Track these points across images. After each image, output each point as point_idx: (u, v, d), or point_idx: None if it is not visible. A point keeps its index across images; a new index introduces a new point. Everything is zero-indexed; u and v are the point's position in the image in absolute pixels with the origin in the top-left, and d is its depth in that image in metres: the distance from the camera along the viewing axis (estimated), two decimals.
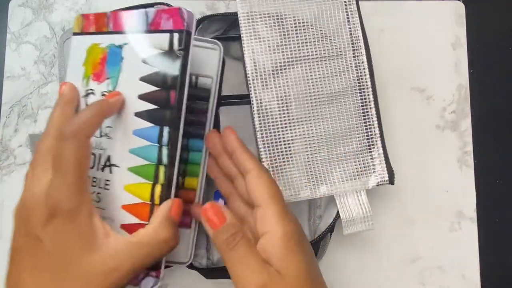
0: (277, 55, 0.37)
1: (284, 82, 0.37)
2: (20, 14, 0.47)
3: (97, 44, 0.33)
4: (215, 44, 0.38)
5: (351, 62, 0.38)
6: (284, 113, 0.37)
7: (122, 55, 0.32)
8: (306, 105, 0.38)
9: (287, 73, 0.38)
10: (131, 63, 0.31)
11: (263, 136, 0.37)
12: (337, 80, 0.38)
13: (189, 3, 0.46)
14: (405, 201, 0.44)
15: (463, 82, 0.46)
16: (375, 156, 0.38)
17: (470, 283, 0.43)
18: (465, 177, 0.45)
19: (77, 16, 0.35)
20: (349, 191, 0.37)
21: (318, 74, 0.38)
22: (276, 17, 0.38)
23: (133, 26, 0.32)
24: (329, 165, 0.38)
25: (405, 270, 0.44)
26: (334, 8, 0.38)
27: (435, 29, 0.47)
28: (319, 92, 0.38)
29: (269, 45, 0.37)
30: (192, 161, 0.37)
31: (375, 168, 0.38)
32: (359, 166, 0.38)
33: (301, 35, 0.38)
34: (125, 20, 0.32)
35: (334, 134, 0.38)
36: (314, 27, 0.38)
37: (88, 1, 0.47)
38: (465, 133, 0.46)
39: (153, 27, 0.31)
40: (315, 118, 0.38)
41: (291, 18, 0.38)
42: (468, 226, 0.44)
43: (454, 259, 0.44)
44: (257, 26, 0.37)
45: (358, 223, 0.37)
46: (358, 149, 0.38)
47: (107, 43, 0.33)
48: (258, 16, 0.38)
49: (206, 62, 0.38)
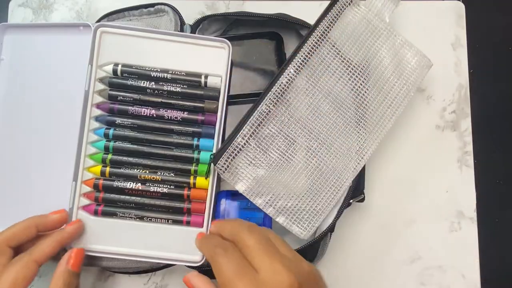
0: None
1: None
2: (20, 14, 0.47)
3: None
4: (224, 43, 0.38)
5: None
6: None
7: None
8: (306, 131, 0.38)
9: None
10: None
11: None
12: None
13: (189, 3, 0.46)
14: (405, 201, 0.45)
15: (463, 82, 0.46)
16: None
17: (470, 283, 0.43)
18: (465, 177, 0.45)
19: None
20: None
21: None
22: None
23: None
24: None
25: (405, 270, 0.44)
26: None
27: (435, 29, 0.47)
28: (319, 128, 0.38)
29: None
30: (203, 161, 0.37)
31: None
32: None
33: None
34: None
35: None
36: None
37: (88, 1, 0.47)
38: (465, 133, 0.46)
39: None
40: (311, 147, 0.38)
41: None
42: (468, 226, 0.44)
43: (454, 259, 0.44)
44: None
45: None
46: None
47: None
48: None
49: (214, 61, 0.38)
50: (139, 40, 0.38)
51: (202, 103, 0.38)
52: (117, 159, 0.38)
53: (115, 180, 0.38)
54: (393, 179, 0.45)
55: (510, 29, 0.49)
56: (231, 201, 0.39)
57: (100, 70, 0.38)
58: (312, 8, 0.46)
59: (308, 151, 0.38)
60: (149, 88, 0.38)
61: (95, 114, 0.38)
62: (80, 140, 0.37)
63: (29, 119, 0.40)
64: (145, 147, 0.38)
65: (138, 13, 0.42)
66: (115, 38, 0.38)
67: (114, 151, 0.38)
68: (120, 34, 0.38)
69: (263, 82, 0.42)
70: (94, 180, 0.38)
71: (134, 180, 0.38)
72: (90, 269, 0.42)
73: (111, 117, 0.38)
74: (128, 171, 0.38)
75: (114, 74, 0.38)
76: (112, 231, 0.37)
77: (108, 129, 0.38)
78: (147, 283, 0.43)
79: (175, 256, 0.37)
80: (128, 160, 0.38)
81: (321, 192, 0.38)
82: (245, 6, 0.47)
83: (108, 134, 0.38)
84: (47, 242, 0.34)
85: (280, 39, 0.42)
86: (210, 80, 0.38)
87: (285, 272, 0.27)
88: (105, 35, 0.38)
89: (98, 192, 0.38)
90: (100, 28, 0.37)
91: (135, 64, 0.38)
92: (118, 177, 0.38)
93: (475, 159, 0.46)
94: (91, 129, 0.38)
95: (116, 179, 0.38)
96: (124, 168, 0.38)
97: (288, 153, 0.38)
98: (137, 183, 0.37)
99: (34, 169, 0.39)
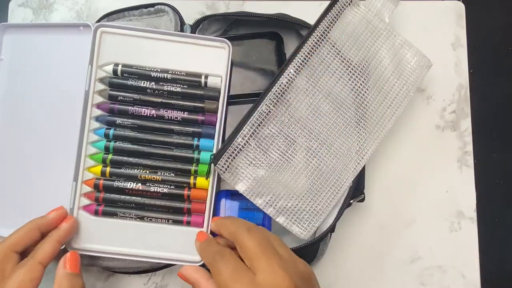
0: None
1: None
2: (20, 14, 0.47)
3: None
4: (224, 43, 0.38)
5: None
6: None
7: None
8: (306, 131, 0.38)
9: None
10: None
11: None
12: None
13: (189, 3, 0.46)
14: (405, 201, 0.45)
15: (463, 82, 0.46)
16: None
17: (470, 283, 0.43)
18: (465, 177, 0.45)
19: None
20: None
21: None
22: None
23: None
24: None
25: (405, 270, 0.44)
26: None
27: (435, 29, 0.47)
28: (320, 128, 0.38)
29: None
30: (203, 161, 0.37)
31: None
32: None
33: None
34: None
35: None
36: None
37: (88, 1, 0.47)
38: (465, 133, 0.46)
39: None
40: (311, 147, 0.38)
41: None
42: (468, 226, 0.44)
43: (454, 259, 0.44)
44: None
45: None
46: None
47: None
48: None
49: (214, 61, 0.38)
50: (139, 40, 0.38)
51: (202, 103, 0.38)
52: (117, 159, 0.38)
53: (116, 180, 0.38)
54: (393, 179, 0.45)
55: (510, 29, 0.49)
56: (231, 201, 0.39)
57: (100, 70, 0.38)
58: (312, 8, 0.46)
59: (308, 151, 0.38)
60: (149, 88, 0.38)
61: (95, 114, 0.38)
62: (80, 140, 0.37)
63: (29, 119, 0.40)
64: (145, 147, 0.38)
65: (138, 13, 0.42)
66: (115, 38, 0.38)
67: (115, 151, 0.38)
68: (120, 34, 0.38)
69: (263, 82, 0.42)
70: (94, 180, 0.38)
71: (134, 180, 0.38)
72: (90, 269, 0.42)
73: (111, 117, 0.38)
74: (129, 171, 0.38)
75: (114, 74, 0.38)
76: (113, 231, 0.37)
77: (109, 129, 0.38)
78: (147, 283, 0.43)
79: (175, 256, 0.37)
80: (128, 160, 0.38)
81: (321, 192, 0.38)
82: (245, 6, 0.47)
83: (109, 134, 0.38)
84: (47, 243, 0.34)
85: (280, 39, 0.42)
86: (210, 80, 0.38)
87: (283, 274, 0.28)
88: (105, 35, 0.38)
89: (98, 192, 0.38)
90: (100, 28, 0.37)
91: (135, 64, 0.38)
92: (118, 177, 0.38)
93: (475, 159, 0.46)
94: (91, 129, 0.38)
95: (117, 179, 0.38)
96: (124, 168, 0.38)
97: (288, 153, 0.38)
98: (137, 183, 0.38)
99: (34, 170, 0.39)
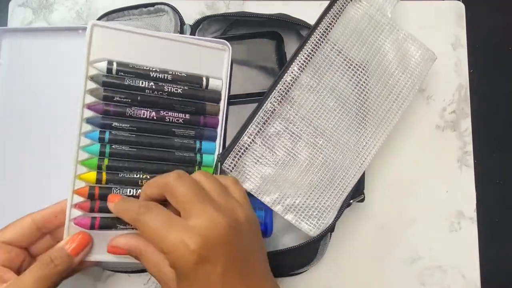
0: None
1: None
2: (20, 14, 0.47)
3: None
4: (224, 45, 0.38)
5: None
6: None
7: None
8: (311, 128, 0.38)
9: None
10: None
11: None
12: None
13: (189, 3, 0.46)
14: (405, 201, 0.44)
15: (463, 82, 0.46)
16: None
17: (470, 283, 0.43)
18: (465, 177, 0.45)
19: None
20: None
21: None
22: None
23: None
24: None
25: (405, 270, 0.44)
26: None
27: (435, 29, 0.47)
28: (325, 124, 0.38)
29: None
30: (206, 164, 0.37)
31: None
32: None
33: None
34: None
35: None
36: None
37: (88, 1, 0.47)
38: (465, 133, 0.46)
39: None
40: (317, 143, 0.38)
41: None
42: (468, 226, 0.44)
43: (454, 259, 0.44)
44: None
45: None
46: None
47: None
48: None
49: (215, 63, 0.38)
50: (135, 36, 0.36)
51: (204, 105, 0.38)
52: (114, 164, 0.35)
53: (113, 188, 0.35)
54: (393, 179, 0.45)
55: (510, 29, 0.49)
56: None
57: (92, 67, 0.35)
58: (312, 8, 0.46)
59: (315, 147, 0.38)
60: (148, 89, 0.36)
61: (87, 115, 0.35)
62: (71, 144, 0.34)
63: (27, 123, 0.39)
64: (145, 151, 0.36)
65: (138, 12, 0.42)
66: (109, 33, 0.35)
67: (111, 156, 0.35)
68: (114, 29, 0.35)
69: (264, 81, 0.42)
70: (88, 188, 0.34)
71: (134, 186, 0.35)
72: (90, 269, 0.42)
73: (106, 119, 0.35)
74: (127, 177, 0.35)
75: (108, 73, 0.35)
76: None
77: (103, 132, 0.35)
78: (147, 283, 0.43)
79: None
80: (127, 166, 0.35)
81: (329, 188, 0.38)
82: (245, 6, 0.47)
83: (104, 137, 0.35)
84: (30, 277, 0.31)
85: (280, 38, 0.42)
86: (211, 82, 0.37)
87: (217, 215, 0.27)
88: (97, 28, 0.35)
89: (93, 202, 0.34)
90: (92, 21, 0.35)
91: (132, 62, 0.36)
92: (116, 184, 0.35)
93: (475, 159, 0.46)
94: (82, 132, 0.35)
95: (114, 186, 0.35)
96: (122, 174, 0.35)
97: (295, 150, 0.38)
98: (137, 189, 0.35)
99: (33, 174, 0.39)
